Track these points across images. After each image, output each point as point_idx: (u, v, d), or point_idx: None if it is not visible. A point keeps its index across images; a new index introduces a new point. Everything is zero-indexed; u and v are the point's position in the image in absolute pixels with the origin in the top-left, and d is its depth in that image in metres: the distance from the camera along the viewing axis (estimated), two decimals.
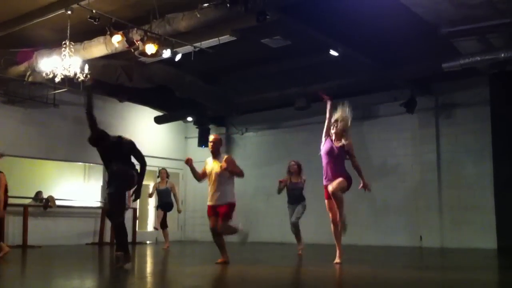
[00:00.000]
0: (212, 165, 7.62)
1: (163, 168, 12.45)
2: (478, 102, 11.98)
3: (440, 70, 10.49)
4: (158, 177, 12.44)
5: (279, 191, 9.80)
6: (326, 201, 7.52)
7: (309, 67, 12.07)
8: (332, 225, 7.54)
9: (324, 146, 7.49)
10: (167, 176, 12.17)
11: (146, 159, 7.08)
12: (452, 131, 12.49)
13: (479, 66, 10.35)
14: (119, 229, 6.60)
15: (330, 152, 7.38)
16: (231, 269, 7.61)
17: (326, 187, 7.35)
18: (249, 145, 15.84)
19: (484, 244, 11.40)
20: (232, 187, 7.60)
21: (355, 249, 11.48)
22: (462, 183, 12.18)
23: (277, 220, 14.68)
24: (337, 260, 7.48)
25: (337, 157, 7.33)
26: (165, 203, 11.91)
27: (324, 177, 7.46)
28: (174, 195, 12.01)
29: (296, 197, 9.74)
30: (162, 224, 12.00)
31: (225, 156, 7.64)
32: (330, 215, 7.48)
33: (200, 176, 7.71)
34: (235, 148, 16.15)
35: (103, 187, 14.59)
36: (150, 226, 16.20)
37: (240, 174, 7.57)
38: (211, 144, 7.67)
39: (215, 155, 7.68)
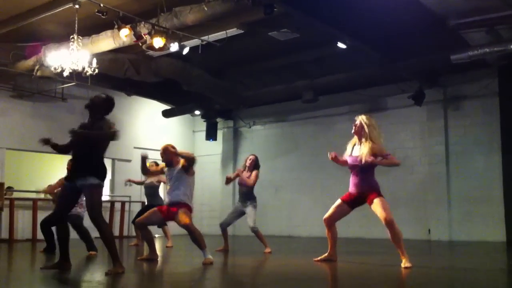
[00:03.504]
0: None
1: (153, 161, 10.48)
2: (486, 94, 11.92)
3: (448, 62, 10.43)
4: None
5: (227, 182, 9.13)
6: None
7: (317, 59, 12.06)
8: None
9: None
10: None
11: (155, 153, 7.01)
12: (461, 123, 12.44)
13: (488, 58, 10.29)
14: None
15: None
16: (239, 262, 7.64)
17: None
18: (257, 138, 15.85)
19: (493, 237, 11.36)
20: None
21: (363, 242, 11.48)
22: (470, 176, 12.13)
23: (285, 213, 14.72)
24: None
25: None
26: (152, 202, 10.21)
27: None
28: None
29: (242, 195, 9.01)
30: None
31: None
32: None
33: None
34: (243, 142, 16.16)
35: (111, 180, 14.65)
36: None
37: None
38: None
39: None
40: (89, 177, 5.56)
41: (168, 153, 7.15)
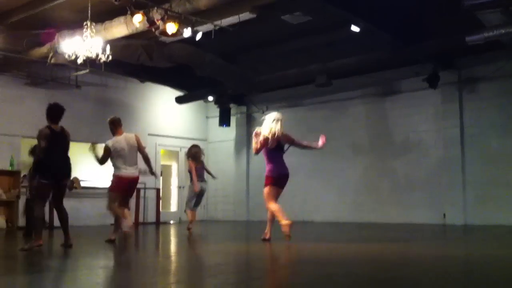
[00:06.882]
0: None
1: None
2: (502, 76, 11.79)
3: (463, 43, 10.30)
4: None
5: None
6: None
7: (330, 43, 11.95)
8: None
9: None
10: None
11: (168, 139, 7.14)
12: (476, 105, 12.33)
13: (503, 39, 10.15)
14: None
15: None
16: (252, 247, 7.66)
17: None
18: None
19: (509, 221, 11.29)
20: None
21: (378, 226, 11.47)
22: (486, 159, 12.05)
23: (299, 198, 14.71)
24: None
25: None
26: None
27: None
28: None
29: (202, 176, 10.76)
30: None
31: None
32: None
33: None
34: (256, 127, 16.11)
35: None
36: (173, 206, 16.30)
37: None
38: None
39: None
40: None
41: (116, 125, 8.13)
